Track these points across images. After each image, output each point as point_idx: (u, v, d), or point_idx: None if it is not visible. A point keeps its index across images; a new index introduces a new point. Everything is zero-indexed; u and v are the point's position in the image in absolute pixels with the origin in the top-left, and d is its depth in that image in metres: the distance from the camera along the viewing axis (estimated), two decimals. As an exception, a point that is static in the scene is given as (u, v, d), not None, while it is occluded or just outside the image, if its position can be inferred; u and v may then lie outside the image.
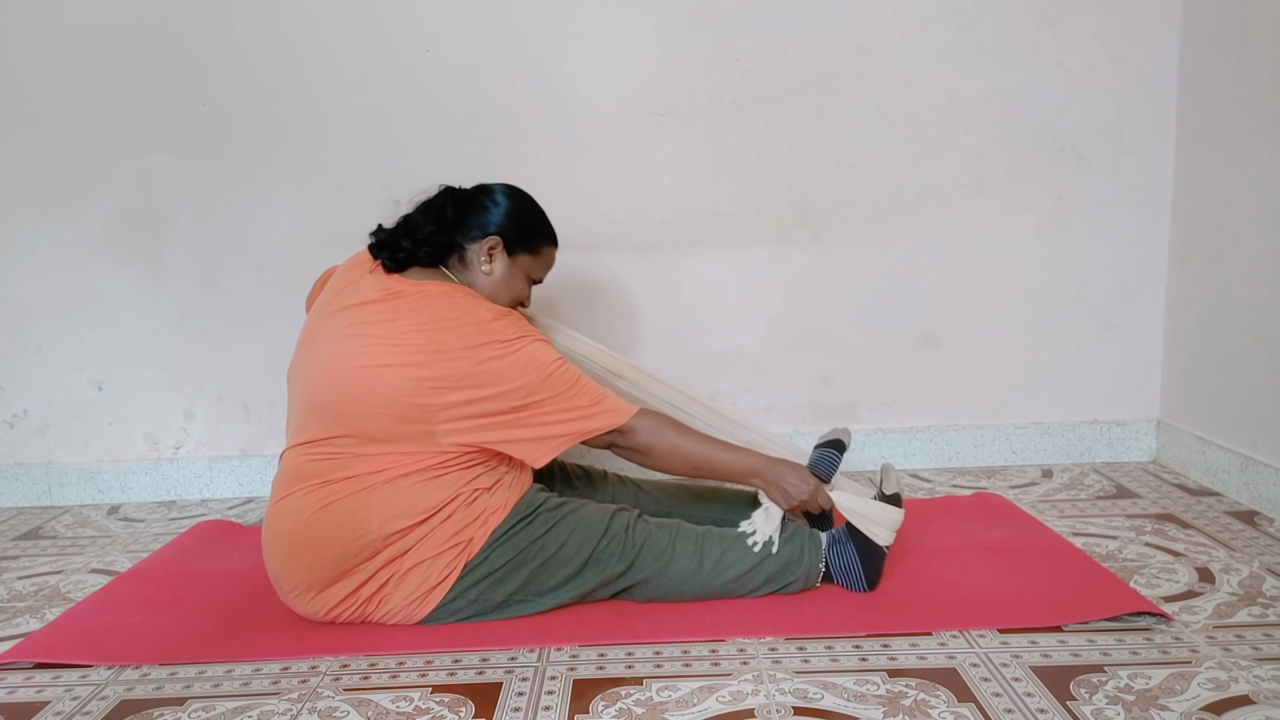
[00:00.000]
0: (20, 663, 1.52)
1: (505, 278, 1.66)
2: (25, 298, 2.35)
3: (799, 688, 1.36)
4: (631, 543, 1.60)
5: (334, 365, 1.53)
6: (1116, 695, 1.31)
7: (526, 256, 1.68)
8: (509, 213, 1.65)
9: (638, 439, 1.59)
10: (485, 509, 1.56)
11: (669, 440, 1.60)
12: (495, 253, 1.64)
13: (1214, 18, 2.15)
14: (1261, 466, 2.01)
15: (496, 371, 1.49)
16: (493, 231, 1.64)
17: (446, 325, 1.52)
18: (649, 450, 1.60)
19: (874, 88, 2.29)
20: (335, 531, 1.51)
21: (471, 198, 1.67)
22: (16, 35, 2.25)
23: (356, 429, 1.52)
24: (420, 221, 1.63)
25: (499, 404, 1.50)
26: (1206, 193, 2.20)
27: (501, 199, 1.66)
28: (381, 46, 2.26)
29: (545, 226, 1.71)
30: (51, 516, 2.33)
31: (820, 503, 1.65)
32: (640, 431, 1.58)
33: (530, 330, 1.57)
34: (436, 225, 1.62)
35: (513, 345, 1.51)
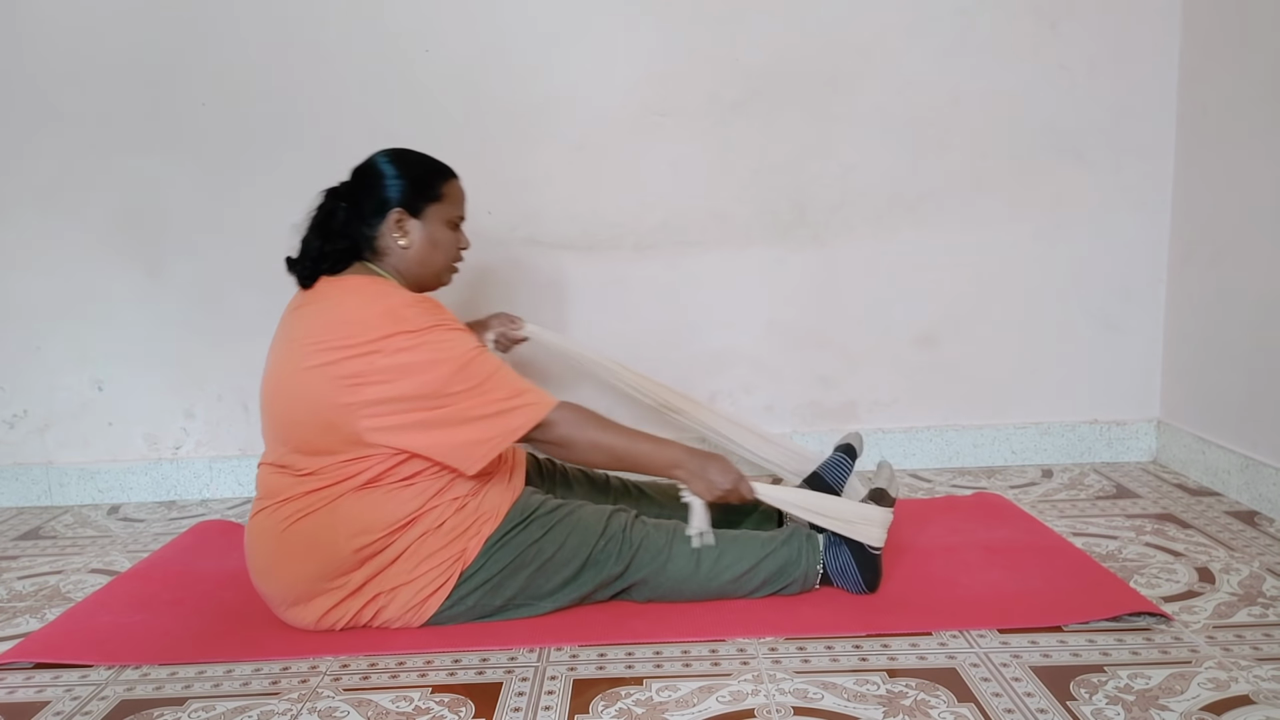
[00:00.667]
0: (20, 663, 1.52)
1: (426, 239, 1.61)
2: (25, 298, 2.35)
3: (799, 688, 1.36)
4: (629, 543, 1.60)
5: (274, 377, 1.55)
6: (1116, 695, 1.31)
7: (434, 206, 1.62)
8: (395, 177, 1.60)
9: (557, 432, 1.53)
10: (477, 517, 1.56)
11: (589, 434, 1.55)
12: (403, 223, 1.59)
13: (1214, 18, 2.15)
14: (1261, 466, 2.01)
15: (407, 363, 1.46)
16: (391, 205, 1.59)
17: (356, 319, 1.49)
18: (569, 443, 1.54)
19: (874, 88, 2.29)
20: (305, 549, 1.51)
21: (354, 186, 1.62)
22: (16, 35, 2.25)
23: (298, 441, 1.52)
24: (312, 239, 1.60)
25: (416, 400, 1.46)
26: (1206, 193, 2.20)
27: (382, 168, 1.61)
28: (381, 46, 2.26)
29: (433, 167, 1.65)
30: (51, 516, 2.33)
31: (744, 493, 1.61)
32: (560, 424, 1.52)
33: (445, 319, 1.53)
34: (324, 238, 1.58)
35: (423, 335, 1.47)
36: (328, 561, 1.51)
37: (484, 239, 2.34)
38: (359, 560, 1.51)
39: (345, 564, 1.51)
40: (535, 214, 2.34)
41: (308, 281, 1.58)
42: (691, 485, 1.61)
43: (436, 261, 1.64)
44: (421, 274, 1.63)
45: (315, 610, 1.54)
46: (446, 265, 1.67)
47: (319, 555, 1.50)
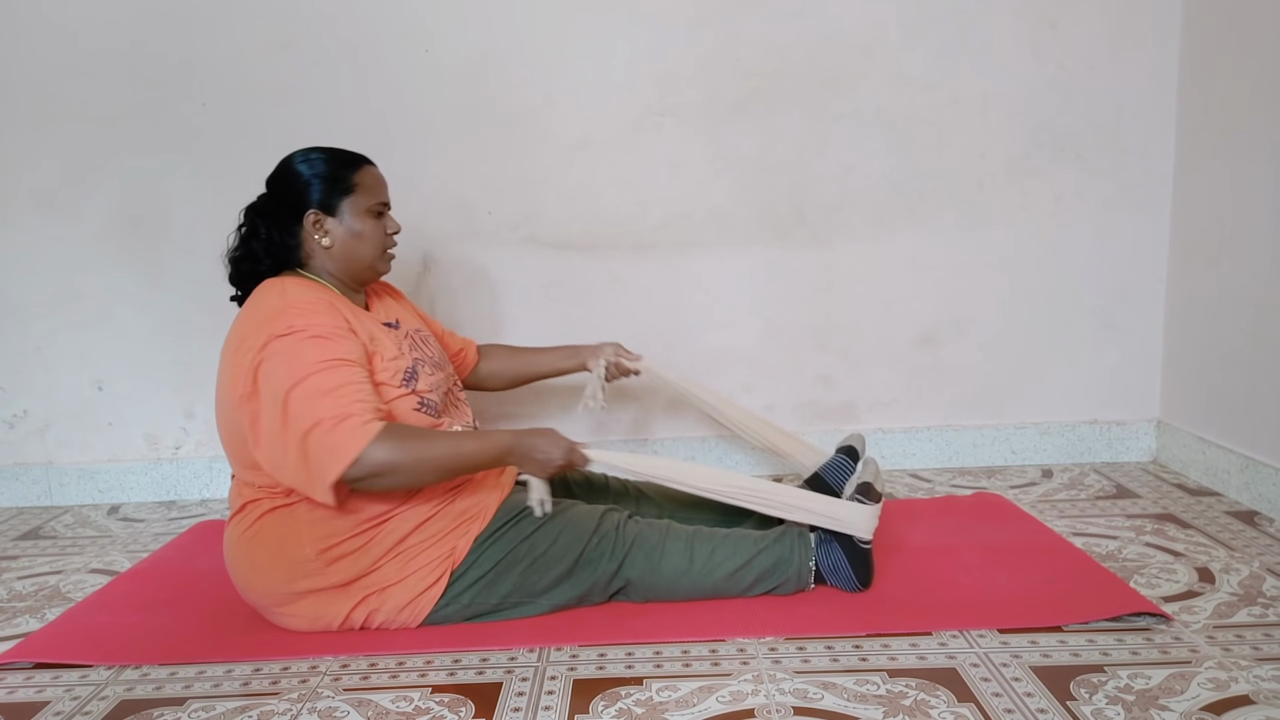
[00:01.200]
0: (20, 663, 1.52)
1: (347, 235, 1.59)
2: (25, 298, 2.35)
3: (799, 688, 1.36)
4: (622, 541, 1.60)
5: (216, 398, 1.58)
6: (1116, 695, 1.31)
7: (348, 199, 1.59)
8: (299, 178, 1.58)
9: (375, 461, 1.39)
10: (465, 517, 1.56)
11: (410, 454, 1.42)
12: (320, 223, 1.58)
13: (1214, 18, 2.15)
14: (1261, 466, 2.01)
15: (269, 369, 1.43)
16: (306, 208, 1.57)
17: (244, 322, 1.51)
18: (392, 469, 1.41)
19: (874, 88, 2.29)
20: (271, 558, 1.52)
21: (269, 198, 1.61)
22: (16, 35, 2.25)
23: (234, 455, 1.55)
24: (237, 261, 1.62)
25: (269, 415, 1.42)
26: (1206, 193, 2.20)
27: (289, 171, 1.59)
28: (381, 46, 2.26)
29: (341, 158, 1.61)
30: (51, 516, 2.33)
31: (575, 462, 1.55)
32: (377, 453, 1.39)
33: (315, 323, 1.45)
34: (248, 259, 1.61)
35: (284, 339, 1.43)
36: (294, 564, 1.51)
37: (484, 239, 2.34)
38: (327, 562, 1.51)
39: (312, 567, 1.51)
40: (535, 214, 2.34)
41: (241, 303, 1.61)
42: (524, 468, 1.56)
43: (364, 253, 1.62)
44: (352, 269, 1.63)
45: (300, 610, 1.55)
46: (377, 254, 1.64)
47: (284, 560, 1.51)
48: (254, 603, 1.58)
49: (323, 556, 1.50)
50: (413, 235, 2.29)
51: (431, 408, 1.59)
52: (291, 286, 1.54)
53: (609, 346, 1.96)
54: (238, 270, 1.62)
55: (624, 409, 2.42)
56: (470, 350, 1.98)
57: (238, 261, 1.62)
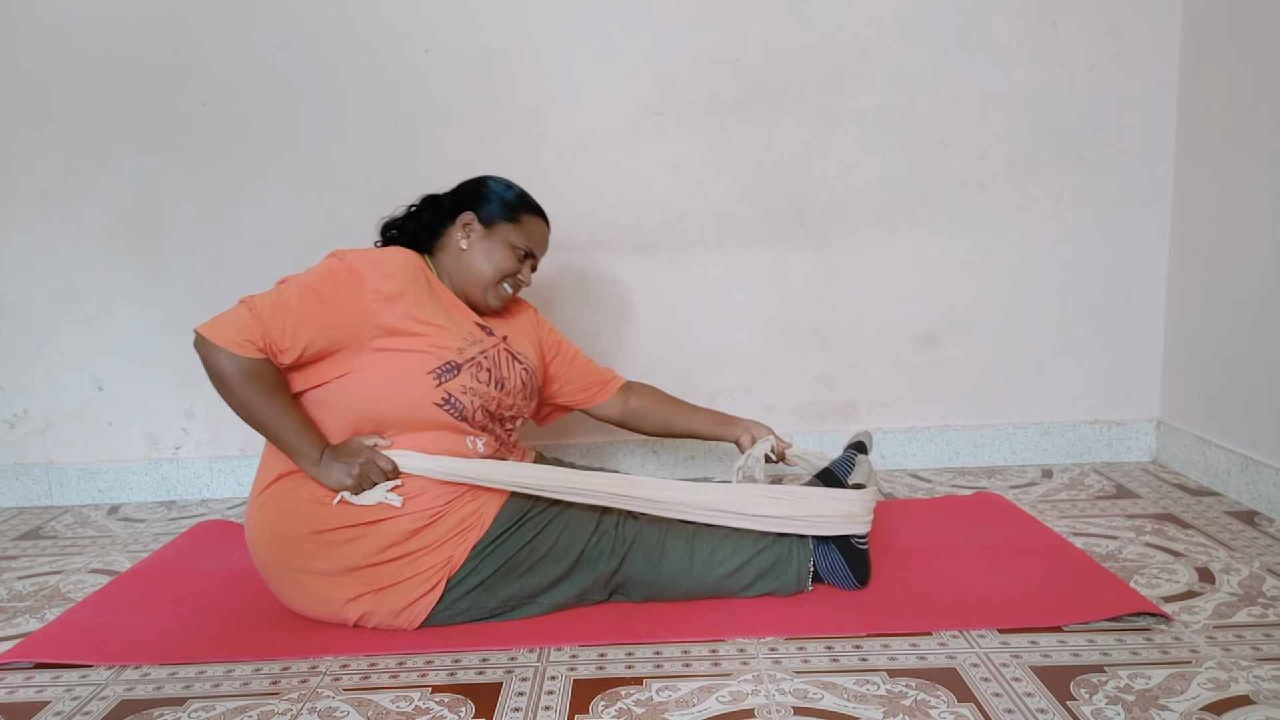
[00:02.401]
0: (20, 663, 1.52)
1: (483, 249, 1.67)
2: (25, 298, 2.35)
3: (799, 688, 1.36)
4: (622, 539, 1.60)
5: None
6: (1116, 695, 1.31)
7: (506, 225, 1.68)
8: (481, 186, 1.71)
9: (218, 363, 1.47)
10: (463, 526, 1.55)
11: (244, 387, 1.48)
12: (470, 227, 1.67)
13: (1214, 18, 2.15)
14: (1261, 466, 2.01)
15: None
16: (465, 207, 1.68)
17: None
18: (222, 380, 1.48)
19: (874, 88, 2.29)
20: (273, 528, 1.55)
21: (447, 195, 1.74)
22: (16, 35, 2.25)
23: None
24: (401, 222, 1.74)
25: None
26: (1206, 193, 2.20)
27: (477, 183, 1.72)
28: (381, 46, 2.26)
29: (524, 199, 1.72)
30: (51, 516, 2.33)
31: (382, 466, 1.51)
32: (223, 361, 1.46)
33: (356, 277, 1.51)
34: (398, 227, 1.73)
35: (329, 259, 1.55)
36: (290, 543, 1.53)
37: (484, 239, 2.34)
38: (317, 544, 1.52)
39: (304, 546, 1.53)
40: (535, 214, 2.34)
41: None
42: (329, 483, 1.52)
43: (485, 275, 1.66)
44: (468, 282, 1.67)
45: (303, 597, 1.56)
46: (494, 283, 1.67)
47: (283, 534, 1.54)
48: (263, 573, 1.60)
49: (314, 538, 1.52)
50: (413, 235, 2.30)
51: (457, 410, 1.55)
52: (411, 255, 1.62)
53: (762, 428, 1.87)
54: (385, 236, 1.75)
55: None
56: (613, 381, 1.93)
57: (388, 228, 1.75)
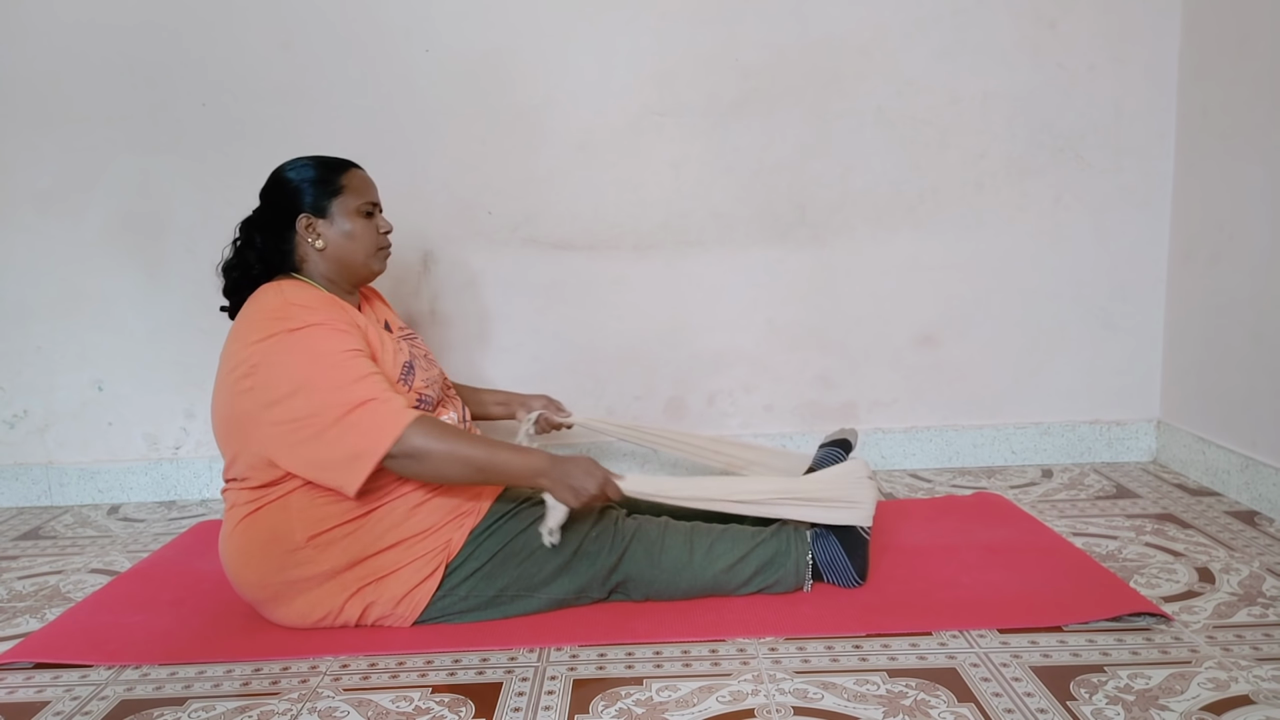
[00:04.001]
0: (20, 663, 1.52)
1: (339, 236, 1.61)
2: (25, 298, 2.35)
3: (799, 688, 1.36)
4: (621, 536, 1.60)
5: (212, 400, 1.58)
6: (1116, 695, 1.31)
7: (337, 200, 1.61)
8: (289, 184, 1.61)
9: (410, 444, 1.44)
10: (459, 511, 1.57)
11: (446, 444, 1.46)
12: (312, 225, 1.60)
13: (1214, 18, 2.15)
14: (1261, 466, 2.01)
15: (281, 362, 1.46)
16: (296, 212, 1.60)
17: (246, 320, 1.53)
18: (424, 455, 1.45)
19: (874, 88, 2.29)
20: (263, 546, 1.52)
21: (259, 211, 1.65)
22: (16, 35, 2.25)
23: (232, 454, 1.54)
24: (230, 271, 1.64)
25: (290, 405, 1.44)
26: (1206, 193, 2.20)
27: (275, 183, 1.63)
28: (381, 46, 2.26)
29: (327, 163, 1.64)
30: (51, 516, 2.33)
31: (610, 495, 1.54)
32: (412, 437, 1.44)
33: (329, 318, 1.49)
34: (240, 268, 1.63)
35: (299, 333, 1.46)
36: (285, 553, 1.52)
37: (484, 239, 2.34)
38: (317, 548, 1.52)
39: (304, 555, 1.52)
40: (535, 214, 2.34)
41: (234, 314, 1.62)
42: (556, 493, 1.52)
43: (357, 253, 1.63)
44: (347, 270, 1.64)
45: (293, 604, 1.55)
46: (370, 253, 1.65)
47: (276, 549, 1.52)
48: (249, 597, 1.58)
49: (313, 543, 1.51)
50: (413, 235, 2.30)
51: (428, 403, 1.63)
52: (290, 288, 1.56)
53: (539, 400, 1.96)
54: (230, 279, 1.64)
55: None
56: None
57: (230, 270, 1.65)
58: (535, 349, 2.39)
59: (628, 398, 2.40)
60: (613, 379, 2.40)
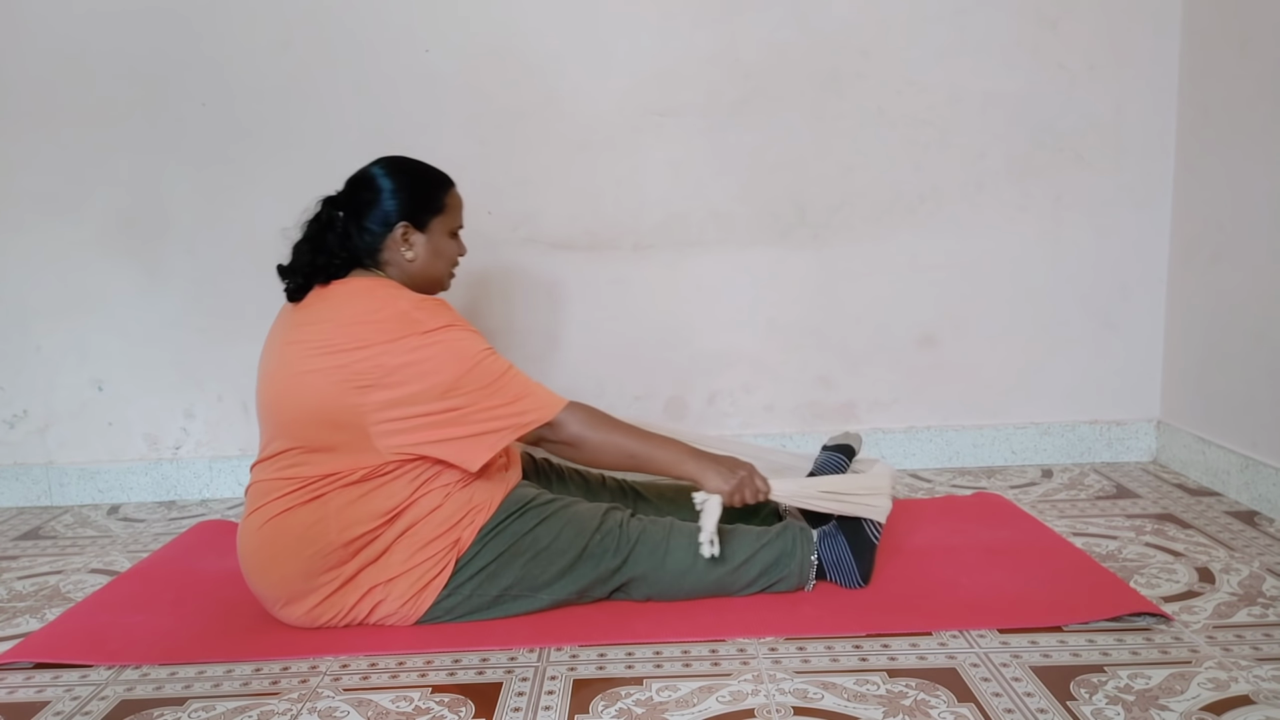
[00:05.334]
0: (20, 663, 1.52)
1: (430, 251, 1.63)
2: (25, 298, 2.35)
3: (799, 688, 1.36)
4: (626, 538, 1.60)
5: (273, 376, 1.55)
6: (1116, 695, 1.31)
7: (437, 218, 1.63)
8: (398, 190, 1.60)
9: (567, 431, 1.55)
10: (471, 507, 1.56)
11: (600, 433, 1.57)
12: (410, 236, 1.61)
13: (1214, 18, 2.15)
14: (1261, 466, 2.01)
15: (418, 363, 1.47)
16: (395, 219, 1.59)
17: (366, 320, 1.51)
18: (580, 442, 1.57)
19: (874, 88, 2.29)
20: (296, 545, 1.51)
21: (352, 197, 1.62)
22: (16, 35, 2.25)
23: (300, 439, 1.52)
24: (305, 251, 1.59)
25: (426, 401, 1.48)
26: (1206, 193, 2.20)
27: (383, 182, 1.61)
28: (382, 46, 2.26)
29: (435, 178, 1.66)
30: (51, 516, 2.33)
31: (759, 486, 1.59)
32: (570, 424, 1.55)
33: (456, 318, 1.54)
34: (319, 250, 1.58)
35: (435, 335, 1.49)
36: (319, 555, 1.51)
37: (484, 239, 2.34)
38: (351, 553, 1.52)
39: (334, 557, 1.51)
40: (535, 214, 2.34)
41: (299, 295, 1.58)
42: (707, 483, 1.59)
43: (439, 271, 1.67)
44: (424, 284, 1.65)
45: (308, 605, 1.54)
46: (447, 273, 1.70)
47: (310, 550, 1.51)
48: (263, 593, 1.57)
49: (348, 547, 1.51)
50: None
51: None
52: (393, 287, 1.58)
53: None
54: (309, 260, 1.58)
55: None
56: None
57: (312, 250, 1.59)
58: (535, 349, 2.38)
59: (628, 397, 2.40)
60: (613, 379, 2.40)
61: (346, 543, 1.51)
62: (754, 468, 1.62)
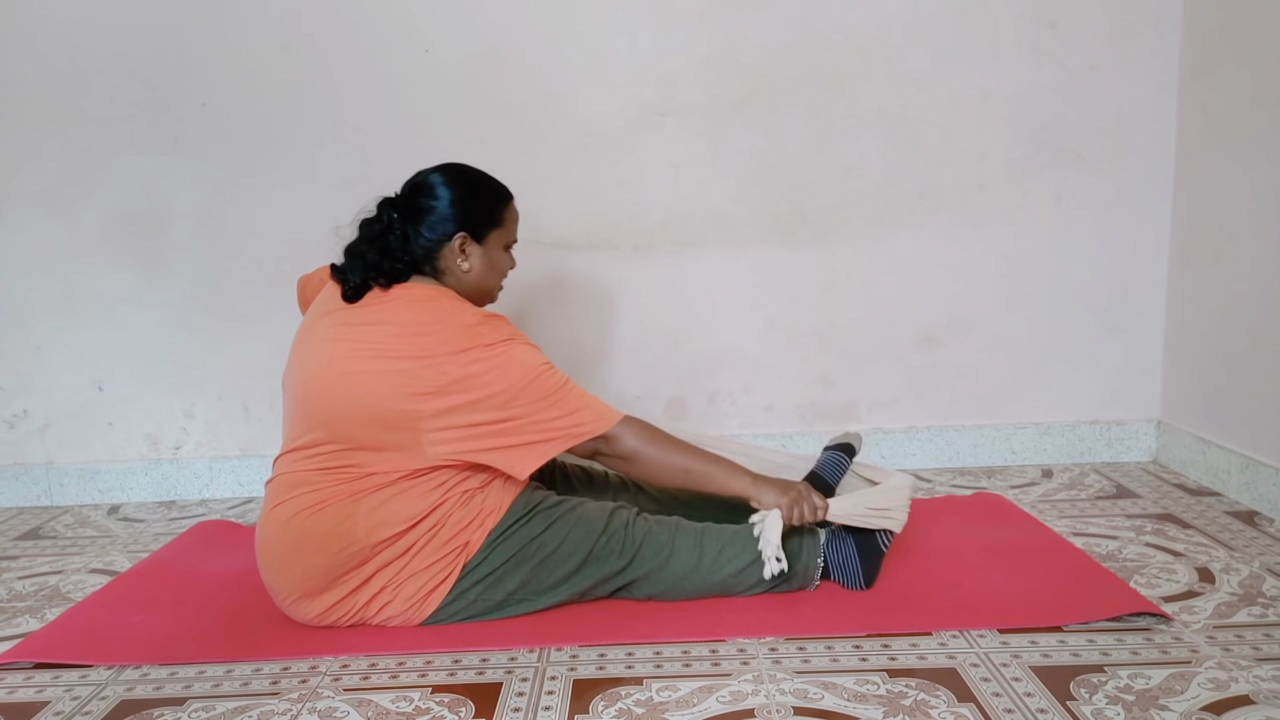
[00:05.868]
0: (20, 663, 1.52)
1: (485, 264, 1.64)
2: (25, 298, 2.35)
3: (799, 688, 1.36)
4: (631, 539, 1.60)
5: (319, 370, 1.53)
6: (1116, 695, 1.31)
7: (495, 232, 1.65)
8: (459, 201, 1.60)
9: (623, 446, 1.56)
10: (481, 510, 1.56)
11: (656, 449, 1.58)
12: (467, 247, 1.60)
13: (1214, 18, 2.15)
14: (1261, 466, 2.01)
15: (480, 375, 1.48)
16: (454, 229, 1.59)
17: (430, 330, 1.50)
18: (636, 457, 1.57)
19: (874, 88, 2.29)
20: (323, 540, 1.51)
21: (412, 205, 1.60)
22: (16, 35, 2.25)
23: (342, 435, 1.51)
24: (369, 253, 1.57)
25: (484, 411, 1.48)
26: (1206, 193, 2.20)
27: (444, 190, 1.60)
28: (382, 46, 2.26)
29: (495, 190, 1.67)
30: (51, 516, 2.33)
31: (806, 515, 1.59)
32: (625, 439, 1.55)
33: (516, 333, 1.55)
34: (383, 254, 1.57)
35: (497, 349, 1.50)
36: (344, 553, 1.51)
37: (484, 239, 2.34)
38: (375, 553, 1.52)
39: (360, 556, 1.51)
40: (535, 214, 2.33)
41: (357, 295, 1.56)
42: (764, 500, 1.59)
43: (492, 284, 1.68)
44: (476, 295, 1.65)
45: (323, 604, 1.54)
46: (498, 285, 1.71)
47: (336, 546, 1.50)
48: (278, 585, 1.56)
49: (375, 549, 1.51)
50: (413, 235, 2.30)
51: None
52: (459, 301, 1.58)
53: None
54: (374, 261, 1.57)
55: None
56: None
57: (378, 253, 1.57)
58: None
59: (628, 398, 2.40)
60: (612, 379, 2.40)
61: (375, 544, 1.51)
62: (810, 486, 1.63)
